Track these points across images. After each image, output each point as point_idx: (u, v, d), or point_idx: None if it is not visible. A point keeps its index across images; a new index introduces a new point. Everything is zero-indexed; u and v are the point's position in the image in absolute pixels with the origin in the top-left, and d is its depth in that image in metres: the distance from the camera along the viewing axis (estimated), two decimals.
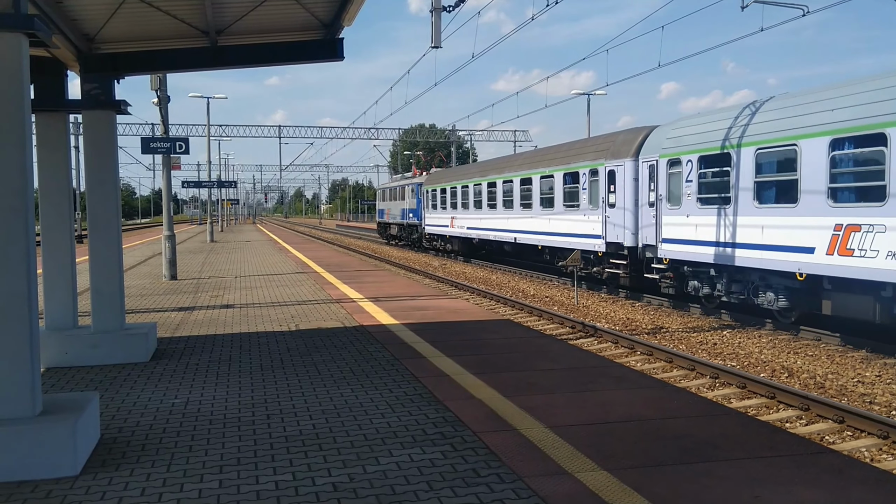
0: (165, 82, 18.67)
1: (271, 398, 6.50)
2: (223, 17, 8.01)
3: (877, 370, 10.76)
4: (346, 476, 4.60)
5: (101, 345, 8.04)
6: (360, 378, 7.20)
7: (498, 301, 18.42)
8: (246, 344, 9.12)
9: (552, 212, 22.68)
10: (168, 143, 15.66)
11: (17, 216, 4.73)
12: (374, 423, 5.70)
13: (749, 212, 13.99)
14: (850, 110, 11.75)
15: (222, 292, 15.01)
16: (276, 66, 9.67)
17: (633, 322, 15.25)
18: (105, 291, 8.23)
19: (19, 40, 4.76)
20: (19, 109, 4.76)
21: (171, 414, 6.07)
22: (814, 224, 12.37)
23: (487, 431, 5.44)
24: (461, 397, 6.41)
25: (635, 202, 18.07)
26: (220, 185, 39.37)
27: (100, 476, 4.66)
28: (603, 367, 7.65)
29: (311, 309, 12.21)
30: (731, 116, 14.79)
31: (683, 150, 16.03)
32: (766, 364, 11.35)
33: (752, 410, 8.97)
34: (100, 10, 7.49)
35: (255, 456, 5.00)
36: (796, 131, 12.82)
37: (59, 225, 8.08)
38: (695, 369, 10.84)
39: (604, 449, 5.01)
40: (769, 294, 13.85)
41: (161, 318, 11.51)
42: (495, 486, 4.41)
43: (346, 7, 7.69)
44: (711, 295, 15.72)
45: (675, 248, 16.33)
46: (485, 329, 10.05)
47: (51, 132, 8.02)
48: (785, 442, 5.19)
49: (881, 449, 7.55)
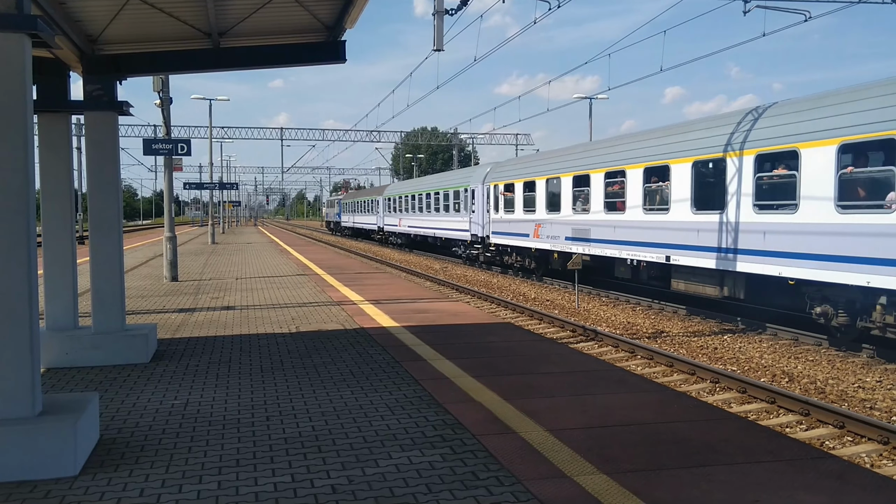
0: (168, 84, 18.70)
1: (271, 400, 6.50)
2: (226, 19, 8.02)
3: (877, 375, 10.74)
4: (345, 478, 4.60)
5: (101, 345, 8.04)
6: (360, 380, 7.20)
7: (498, 304, 18.42)
8: (246, 346, 9.12)
9: (442, 214, 34.54)
10: (170, 144, 15.66)
11: (18, 216, 4.74)
12: (373, 426, 5.70)
13: (522, 217, 24.28)
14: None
15: (223, 294, 15.01)
16: (279, 69, 9.65)
17: (633, 326, 15.24)
18: (106, 292, 8.23)
19: (22, 41, 4.76)
20: (21, 110, 4.77)
21: (171, 415, 6.07)
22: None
23: (487, 434, 5.44)
24: (461, 400, 6.41)
25: (484, 210, 28.58)
26: (221, 186, 39.36)
27: (99, 476, 4.66)
28: (603, 371, 7.65)
29: (311, 311, 12.21)
30: (520, 163, 27.12)
31: (497, 180, 26.98)
32: (766, 369, 11.34)
33: (752, 415, 8.96)
34: (102, 11, 7.51)
35: (254, 457, 4.99)
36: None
37: (61, 226, 8.09)
38: (695, 374, 10.83)
39: (604, 453, 5.00)
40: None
41: (162, 319, 11.51)
42: (494, 489, 4.41)
43: (348, 9, 7.71)
44: (513, 264, 26.15)
45: (497, 238, 26.86)
46: (485, 332, 10.04)
47: (53, 133, 8.04)
48: (785, 447, 5.18)
49: (882, 454, 7.54)
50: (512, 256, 25.96)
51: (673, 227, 16.04)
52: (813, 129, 12.41)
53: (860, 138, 11.51)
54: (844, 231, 11.72)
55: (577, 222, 20.37)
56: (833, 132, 11.96)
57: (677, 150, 15.97)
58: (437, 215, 34.89)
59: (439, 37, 14.86)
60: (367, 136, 60.45)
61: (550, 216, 22.02)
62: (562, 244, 21.17)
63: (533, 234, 23.24)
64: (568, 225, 20.85)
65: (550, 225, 21.98)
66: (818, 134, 12.27)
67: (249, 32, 8.52)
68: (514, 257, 25.78)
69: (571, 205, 20.67)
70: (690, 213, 15.45)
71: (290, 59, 8.81)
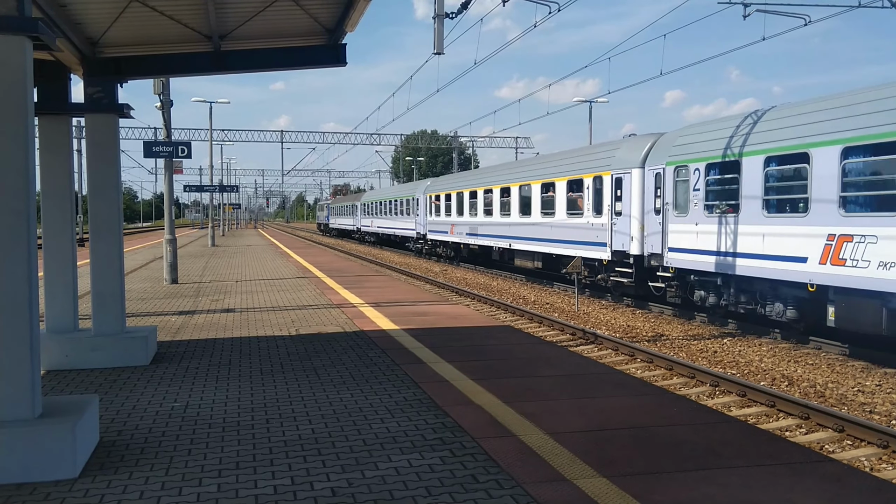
0: (168, 86, 18.72)
1: (271, 402, 6.50)
2: (226, 22, 8.04)
3: (877, 379, 10.74)
4: (344, 481, 4.60)
5: (101, 348, 8.04)
6: (360, 383, 7.20)
7: (499, 307, 18.42)
8: (246, 348, 9.12)
9: (398, 217, 44.00)
10: (170, 147, 15.70)
11: (18, 218, 4.74)
12: (373, 429, 5.70)
13: (444, 219, 33.41)
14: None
15: (223, 296, 15.01)
16: (280, 72, 9.68)
17: (633, 329, 15.24)
18: (106, 294, 8.24)
19: (23, 43, 4.78)
20: (22, 112, 4.78)
21: (171, 417, 6.07)
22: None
23: (487, 437, 5.44)
24: (461, 403, 6.41)
25: (424, 214, 36.31)
26: (221, 189, 39.41)
27: (98, 479, 4.66)
28: (603, 374, 7.65)
29: (311, 313, 12.21)
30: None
31: (431, 192, 35.39)
32: (766, 372, 11.34)
33: (751, 419, 8.95)
34: (103, 14, 7.52)
35: (254, 460, 4.99)
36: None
37: (61, 228, 8.10)
38: (695, 377, 10.82)
39: (603, 455, 5.01)
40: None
41: (162, 321, 11.51)
42: (494, 491, 4.41)
43: (348, 13, 7.72)
44: (441, 254, 36.27)
45: (431, 235, 37.10)
46: (485, 335, 10.04)
47: (53, 135, 8.05)
48: (785, 450, 5.18)
49: (881, 458, 7.54)
50: (440, 248, 35.93)
51: (513, 226, 25.53)
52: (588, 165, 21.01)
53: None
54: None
55: (471, 223, 30.30)
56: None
57: (513, 179, 25.91)
58: (396, 218, 44.15)
59: (440, 40, 14.89)
60: (368, 138, 60.55)
61: (459, 219, 31.88)
62: (464, 238, 31.32)
63: (450, 232, 33.43)
64: (466, 225, 30.81)
65: (459, 225, 31.90)
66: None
67: (250, 36, 8.53)
68: (441, 249, 35.81)
69: (469, 211, 30.48)
70: (519, 217, 25.01)
71: (291, 62, 8.82)
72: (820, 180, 12.22)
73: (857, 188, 11.96)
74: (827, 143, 12.12)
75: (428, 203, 36.81)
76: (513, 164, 30.33)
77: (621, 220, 18.36)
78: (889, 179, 11.25)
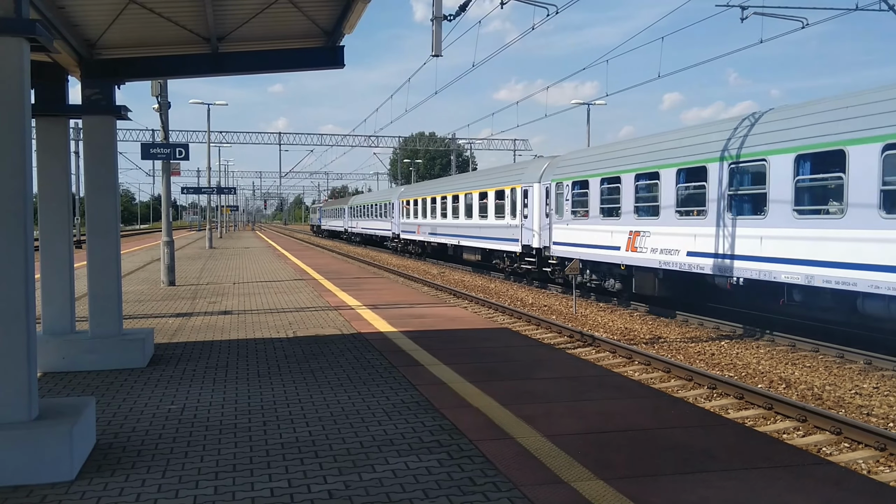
0: (166, 88, 18.72)
1: (268, 405, 6.49)
2: (224, 24, 8.03)
3: (874, 382, 10.75)
4: (341, 483, 4.59)
5: (98, 350, 8.03)
6: (357, 385, 7.19)
7: (496, 309, 18.41)
8: (243, 350, 9.11)
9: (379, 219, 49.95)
10: (168, 149, 15.67)
11: (15, 220, 4.74)
12: (370, 431, 5.69)
13: (412, 220, 39.80)
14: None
15: (220, 298, 15.00)
16: (278, 74, 9.69)
17: (631, 332, 15.24)
18: (103, 296, 8.22)
19: (20, 45, 4.77)
20: (19, 114, 4.77)
21: (168, 420, 6.06)
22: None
23: (484, 440, 5.44)
24: (458, 405, 6.41)
25: (401, 215, 41.38)
26: (219, 191, 39.36)
27: (95, 481, 4.65)
28: (601, 377, 7.65)
29: (309, 316, 12.21)
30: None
31: (403, 197, 42.43)
32: (763, 375, 11.35)
33: (749, 421, 8.96)
34: (101, 15, 7.52)
35: (251, 463, 4.99)
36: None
37: (58, 230, 8.09)
38: (692, 379, 10.83)
39: (600, 458, 5.00)
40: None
41: (159, 323, 11.49)
42: (491, 494, 4.40)
43: (346, 15, 7.73)
44: (411, 250, 41.47)
45: (404, 235, 41.91)
46: (483, 337, 10.04)
47: (51, 137, 8.04)
48: (782, 453, 5.19)
49: (878, 461, 7.54)
50: (410, 246, 40.83)
51: (460, 227, 31.22)
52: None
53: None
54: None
55: (432, 224, 35.53)
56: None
57: (461, 188, 31.75)
58: (377, 220, 49.44)
59: (438, 42, 14.88)
60: (366, 140, 60.60)
61: (423, 221, 37.09)
62: (427, 237, 36.76)
63: (417, 232, 38.54)
64: (429, 226, 36.05)
65: (423, 226, 37.19)
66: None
67: (248, 37, 8.53)
68: (411, 247, 40.74)
69: (430, 214, 35.85)
70: (465, 219, 30.64)
71: (289, 64, 8.82)
72: (625, 194, 18.35)
73: (638, 200, 17.86)
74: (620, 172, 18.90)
75: (401, 207, 42.15)
76: (463, 176, 37.23)
77: (527, 221, 24.42)
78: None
